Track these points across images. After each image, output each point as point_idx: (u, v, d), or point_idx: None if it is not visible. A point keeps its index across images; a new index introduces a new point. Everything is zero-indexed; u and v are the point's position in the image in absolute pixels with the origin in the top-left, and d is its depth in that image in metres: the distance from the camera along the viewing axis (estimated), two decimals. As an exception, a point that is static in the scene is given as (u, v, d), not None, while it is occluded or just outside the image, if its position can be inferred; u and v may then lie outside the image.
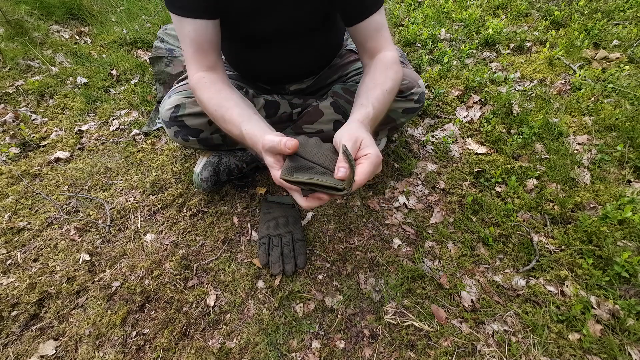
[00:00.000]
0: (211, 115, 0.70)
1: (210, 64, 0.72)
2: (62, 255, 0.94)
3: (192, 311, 0.83)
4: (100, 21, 2.03)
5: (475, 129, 1.25)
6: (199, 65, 0.71)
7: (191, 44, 0.69)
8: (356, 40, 0.77)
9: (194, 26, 0.68)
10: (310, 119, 0.92)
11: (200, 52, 0.70)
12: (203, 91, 0.70)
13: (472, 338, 0.76)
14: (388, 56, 0.73)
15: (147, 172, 1.17)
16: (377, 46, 0.74)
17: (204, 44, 0.70)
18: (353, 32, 0.75)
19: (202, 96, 0.70)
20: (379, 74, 0.70)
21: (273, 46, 0.82)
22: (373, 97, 0.66)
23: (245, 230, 1.00)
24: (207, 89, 0.69)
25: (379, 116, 0.67)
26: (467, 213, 1.00)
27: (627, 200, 0.94)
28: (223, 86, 0.71)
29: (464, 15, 1.79)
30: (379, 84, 0.68)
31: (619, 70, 1.35)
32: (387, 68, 0.71)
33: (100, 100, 1.47)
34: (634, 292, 0.80)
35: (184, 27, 0.68)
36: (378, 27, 0.73)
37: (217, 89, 0.69)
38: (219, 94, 0.69)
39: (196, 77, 0.71)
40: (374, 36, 0.73)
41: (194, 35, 0.68)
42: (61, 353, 0.77)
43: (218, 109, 0.67)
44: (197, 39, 0.69)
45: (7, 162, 1.21)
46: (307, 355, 0.76)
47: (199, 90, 0.70)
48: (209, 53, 0.71)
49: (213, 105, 0.68)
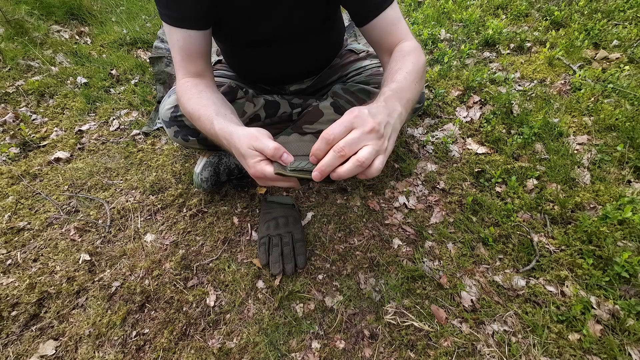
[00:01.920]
0: (189, 115, 0.68)
1: (197, 70, 0.72)
2: (62, 255, 0.94)
3: (192, 311, 0.83)
4: (100, 21, 2.03)
5: (475, 129, 1.25)
6: (185, 71, 0.72)
7: (179, 52, 0.70)
8: (372, 40, 0.73)
9: (183, 35, 0.68)
10: (310, 119, 0.92)
11: (188, 59, 0.71)
12: (184, 93, 0.69)
13: (472, 338, 0.76)
14: (406, 45, 0.68)
15: (147, 172, 1.17)
16: (394, 40, 0.70)
17: (192, 53, 0.70)
18: (368, 31, 0.72)
19: (183, 97, 0.69)
20: (394, 63, 0.64)
21: (273, 48, 0.82)
22: (391, 80, 0.59)
23: (245, 230, 1.00)
24: (188, 91, 0.69)
25: (403, 89, 0.57)
26: (467, 213, 1.00)
27: (627, 201, 0.94)
28: (205, 89, 0.69)
29: (464, 16, 1.79)
30: (397, 69, 0.61)
31: (619, 70, 1.35)
32: (405, 55, 0.65)
33: (100, 100, 1.47)
34: (634, 292, 0.80)
35: (173, 35, 0.69)
36: (393, 21, 0.69)
37: (198, 90, 0.68)
38: (199, 95, 0.67)
39: (182, 82, 0.71)
40: (391, 31, 0.70)
41: (183, 44, 0.69)
42: (61, 353, 0.77)
43: (195, 106, 0.65)
44: (185, 47, 0.69)
45: (7, 162, 1.21)
46: (307, 355, 0.76)
47: (181, 92, 0.70)
48: (196, 61, 0.71)
49: (192, 105, 0.66)
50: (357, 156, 0.44)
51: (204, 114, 0.62)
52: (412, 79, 0.60)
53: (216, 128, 0.58)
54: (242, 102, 0.86)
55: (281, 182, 0.52)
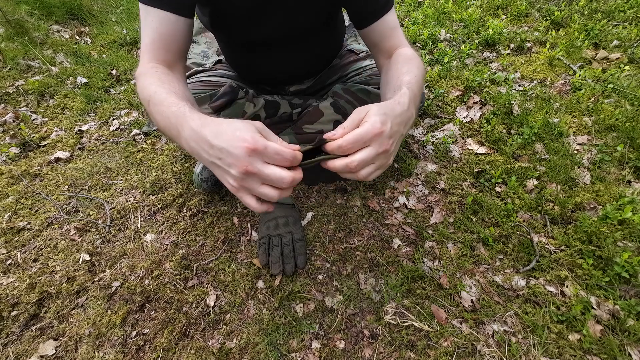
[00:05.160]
0: (147, 99, 0.54)
1: (168, 60, 0.62)
2: (62, 255, 0.94)
3: (192, 311, 0.83)
4: (101, 21, 2.04)
5: (475, 129, 1.25)
6: (153, 56, 0.61)
7: (151, 33, 0.60)
8: (370, 42, 0.74)
9: (160, 16, 0.59)
10: (310, 119, 0.92)
11: (160, 43, 0.61)
12: (147, 77, 0.57)
13: (472, 338, 0.76)
14: (408, 52, 0.69)
15: (147, 172, 1.17)
16: (393, 44, 0.71)
17: (167, 38, 0.61)
18: (368, 33, 0.73)
19: (145, 81, 0.56)
20: (401, 66, 0.63)
21: (273, 48, 0.82)
22: (405, 81, 0.57)
23: (245, 230, 1.00)
24: (152, 75, 0.57)
25: (416, 94, 0.56)
26: (467, 213, 1.00)
27: (627, 201, 0.94)
28: (173, 79, 0.58)
29: (464, 16, 1.79)
30: (405, 72, 0.60)
31: (619, 70, 1.35)
32: (410, 60, 0.65)
33: (100, 100, 1.47)
34: (634, 293, 0.80)
35: (148, 17, 0.60)
36: (393, 25, 0.71)
37: (168, 79, 0.57)
38: (170, 83, 0.56)
39: (148, 66, 0.60)
40: (390, 34, 0.71)
41: (158, 26, 0.60)
42: (61, 353, 0.77)
43: (159, 90, 0.53)
44: (160, 30, 0.60)
45: (7, 162, 1.21)
46: (307, 356, 0.76)
47: (144, 75, 0.57)
48: (170, 49, 0.62)
49: (154, 87, 0.54)
50: (359, 173, 0.46)
51: (171, 98, 0.50)
52: (420, 85, 0.60)
53: (187, 111, 0.47)
54: (243, 102, 0.86)
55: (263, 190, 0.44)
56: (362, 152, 0.45)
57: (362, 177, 0.47)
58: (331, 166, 0.46)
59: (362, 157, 0.45)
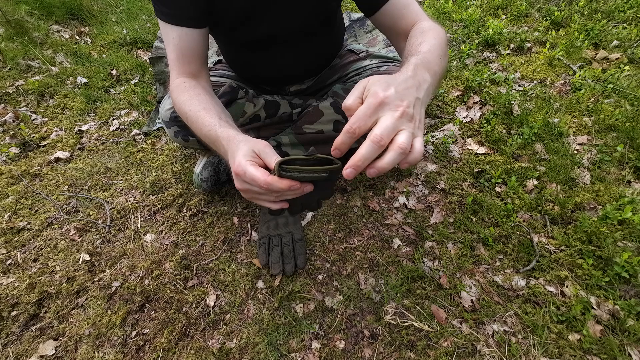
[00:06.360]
0: (184, 115, 0.65)
1: (192, 71, 0.71)
2: (62, 255, 0.94)
3: (192, 311, 0.83)
4: (101, 21, 2.03)
5: (475, 129, 1.25)
6: (180, 71, 0.70)
7: (174, 50, 0.68)
8: (385, 27, 0.71)
9: (179, 33, 0.67)
10: (310, 119, 0.92)
11: (183, 58, 0.69)
12: (180, 93, 0.66)
13: (472, 338, 0.76)
14: (424, 24, 0.63)
15: (147, 172, 1.17)
16: (409, 22, 0.66)
17: (187, 51, 0.69)
18: (379, 18, 0.70)
19: (179, 98, 0.66)
20: (414, 39, 0.58)
21: (272, 48, 0.82)
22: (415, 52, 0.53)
23: (245, 230, 1.00)
24: (185, 92, 0.66)
25: (430, 61, 0.50)
26: (467, 213, 1.00)
27: (627, 201, 0.94)
28: (203, 91, 0.68)
29: (464, 16, 1.79)
30: (419, 43, 0.55)
31: (619, 70, 1.35)
32: (425, 31, 0.60)
33: (100, 100, 1.47)
34: (634, 293, 0.80)
35: (169, 33, 0.67)
36: (406, 2, 0.67)
37: (196, 92, 0.66)
38: (198, 97, 0.65)
39: (177, 81, 0.69)
40: (404, 13, 0.67)
41: (178, 42, 0.67)
42: (61, 353, 0.77)
43: (194, 107, 0.63)
44: (180, 45, 0.68)
45: (7, 162, 1.21)
46: (307, 356, 0.75)
47: (177, 92, 0.67)
48: (192, 61, 0.70)
49: (188, 106, 0.64)
50: (397, 143, 0.38)
51: (203, 116, 0.60)
52: (438, 53, 0.53)
53: (218, 131, 0.56)
54: (243, 102, 0.85)
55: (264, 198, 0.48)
56: (379, 123, 0.39)
57: (405, 147, 0.38)
58: (382, 164, 0.40)
59: (382, 125, 0.39)
